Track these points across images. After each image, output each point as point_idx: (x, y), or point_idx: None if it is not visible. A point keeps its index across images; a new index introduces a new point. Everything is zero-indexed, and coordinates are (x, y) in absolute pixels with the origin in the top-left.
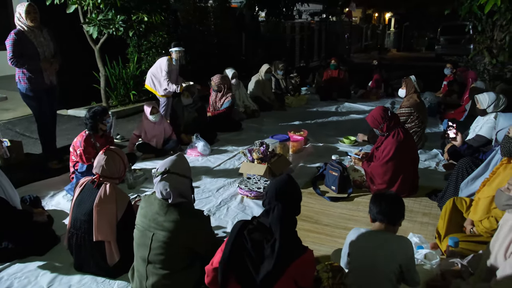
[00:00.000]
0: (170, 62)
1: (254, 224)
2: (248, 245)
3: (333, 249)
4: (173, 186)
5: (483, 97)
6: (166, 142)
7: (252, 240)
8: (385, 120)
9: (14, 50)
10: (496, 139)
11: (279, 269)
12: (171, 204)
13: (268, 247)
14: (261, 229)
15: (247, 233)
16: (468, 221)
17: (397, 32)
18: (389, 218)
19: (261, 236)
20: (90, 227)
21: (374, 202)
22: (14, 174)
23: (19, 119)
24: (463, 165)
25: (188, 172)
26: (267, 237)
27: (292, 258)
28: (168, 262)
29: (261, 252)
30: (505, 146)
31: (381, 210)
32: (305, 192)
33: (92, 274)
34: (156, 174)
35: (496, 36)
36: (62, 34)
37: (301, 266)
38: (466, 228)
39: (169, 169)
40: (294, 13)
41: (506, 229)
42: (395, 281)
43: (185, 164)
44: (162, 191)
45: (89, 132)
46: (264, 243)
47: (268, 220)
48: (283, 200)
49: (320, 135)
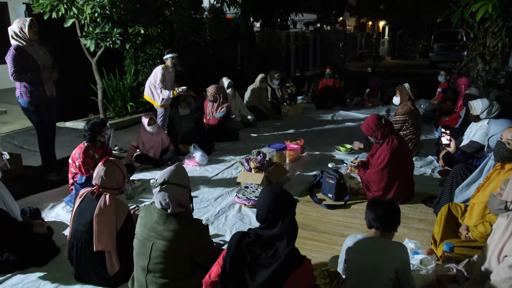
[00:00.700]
0: (165, 70)
1: (252, 237)
2: (248, 258)
3: (330, 256)
4: (172, 196)
5: (476, 103)
6: (164, 152)
7: (251, 252)
8: (380, 128)
9: (15, 65)
10: (488, 145)
11: (279, 280)
12: (170, 213)
13: (268, 259)
14: (260, 241)
15: (246, 246)
16: (463, 226)
17: (391, 40)
18: (385, 224)
19: (261, 249)
20: (90, 237)
21: (370, 208)
22: (13, 186)
23: (17, 132)
24: (457, 171)
25: (187, 182)
26: (266, 249)
27: (292, 268)
28: (167, 271)
29: (260, 265)
30: (498, 152)
31: (377, 217)
32: (302, 200)
33: (92, 284)
34: (155, 185)
35: (489, 43)
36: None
37: (300, 276)
38: (461, 233)
39: (168, 180)
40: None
41: (499, 233)
42: (392, 286)
43: (183, 174)
44: (161, 201)
45: (88, 144)
46: (263, 255)
47: (269, 233)
48: (287, 212)
49: (316, 144)
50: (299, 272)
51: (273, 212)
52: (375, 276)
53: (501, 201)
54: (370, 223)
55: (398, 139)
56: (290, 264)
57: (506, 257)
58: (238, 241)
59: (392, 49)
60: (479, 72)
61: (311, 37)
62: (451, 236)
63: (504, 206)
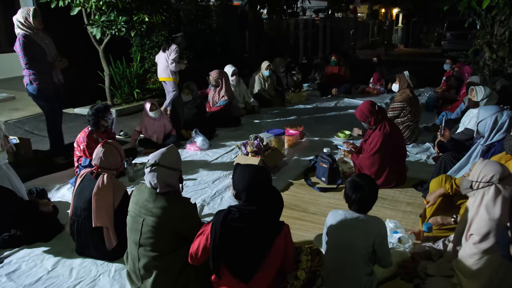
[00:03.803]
0: (179, 47)
1: (236, 213)
2: (233, 233)
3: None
4: (161, 178)
5: (479, 89)
6: (167, 137)
7: (237, 228)
8: (373, 114)
9: (27, 53)
10: (477, 131)
11: (266, 247)
12: (159, 192)
13: (253, 230)
14: (243, 216)
15: (230, 222)
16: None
17: (405, 28)
18: (362, 209)
19: (245, 223)
20: (90, 214)
21: (348, 192)
22: (23, 169)
23: (27, 118)
24: (445, 159)
25: (177, 164)
26: (250, 223)
27: (275, 234)
28: (157, 245)
29: (247, 237)
30: (509, 144)
31: (354, 202)
32: (296, 183)
33: (92, 257)
34: (146, 165)
35: (496, 31)
36: (67, 36)
37: (283, 239)
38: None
39: (158, 162)
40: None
41: (467, 213)
42: (368, 260)
43: (174, 157)
44: (150, 181)
45: (92, 129)
46: (248, 228)
47: (250, 208)
48: (264, 189)
49: (317, 130)
50: (281, 236)
51: (251, 191)
52: (353, 248)
53: (468, 181)
54: (348, 204)
55: (391, 125)
56: (273, 231)
57: (472, 235)
58: (223, 219)
59: (405, 37)
60: (486, 61)
61: (321, 24)
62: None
63: (470, 185)
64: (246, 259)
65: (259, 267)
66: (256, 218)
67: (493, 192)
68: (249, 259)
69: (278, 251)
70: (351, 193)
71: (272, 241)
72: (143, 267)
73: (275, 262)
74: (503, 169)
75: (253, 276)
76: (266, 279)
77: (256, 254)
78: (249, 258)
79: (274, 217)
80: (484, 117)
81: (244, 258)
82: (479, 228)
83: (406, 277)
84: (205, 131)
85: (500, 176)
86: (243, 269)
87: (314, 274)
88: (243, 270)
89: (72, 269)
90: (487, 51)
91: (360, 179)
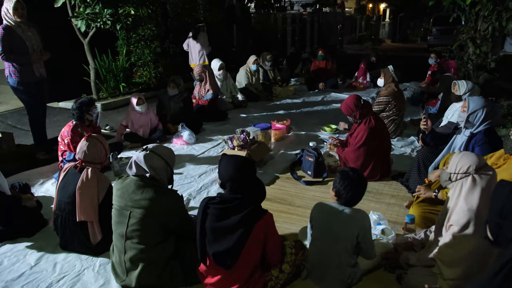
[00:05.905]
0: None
1: (217, 199)
2: (214, 218)
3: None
4: (149, 163)
5: (462, 83)
6: (153, 131)
7: (216, 213)
8: (358, 108)
9: (4, 44)
10: (468, 120)
11: (245, 231)
12: (146, 183)
13: (233, 216)
14: (224, 202)
15: (211, 206)
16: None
17: (392, 23)
18: (350, 202)
19: (225, 208)
20: (74, 208)
21: (338, 185)
22: (5, 164)
23: (11, 112)
24: (420, 155)
25: (169, 159)
26: (231, 208)
27: (255, 220)
28: (144, 237)
29: (227, 222)
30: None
31: (343, 196)
32: (282, 177)
33: (76, 252)
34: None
35: (480, 27)
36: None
37: (263, 224)
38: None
39: (151, 148)
40: (285, 5)
41: (447, 204)
42: (352, 252)
43: (168, 151)
44: (138, 162)
45: (76, 122)
46: (228, 213)
47: (233, 195)
48: (249, 179)
49: (303, 124)
50: (262, 222)
51: (235, 181)
52: (337, 240)
53: (447, 174)
54: (337, 196)
55: (376, 119)
56: (253, 216)
57: (451, 226)
58: (205, 206)
59: (392, 32)
60: (470, 56)
61: (309, 19)
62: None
63: (448, 177)
64: (226, 244)
65: (239, 253)
66: (236, 204)
67: (470, 183)
68: (228, 244)
69: (257, 238)
70: (342, 188)
71: (251, 227)
72: (129, 260)
73: (256, 249)
74: (479, 159)
75: (234, 263)
76: (248, 267)
77: (236, 239)
78: (228, 243)
79: (255, 204)
80: (476, 107)
81: (223, 243)
82: (459, 219)
83: (388, 268)
84: (191, 125)
85: (476, 166)
86: (224, 254)
87: (298, 268)
88: (224, 256)
89: (56, 264)
90: (470, 46)
91: (352, 173)
